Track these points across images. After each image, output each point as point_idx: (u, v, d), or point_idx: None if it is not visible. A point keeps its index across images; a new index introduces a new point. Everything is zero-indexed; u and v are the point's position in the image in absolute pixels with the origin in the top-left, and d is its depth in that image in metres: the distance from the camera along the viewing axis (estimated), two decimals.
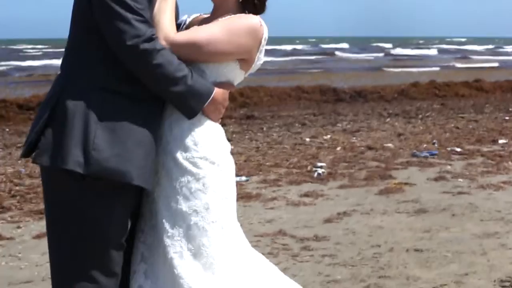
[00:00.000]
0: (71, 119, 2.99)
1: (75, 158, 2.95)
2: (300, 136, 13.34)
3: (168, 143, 3.17)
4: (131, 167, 3.00)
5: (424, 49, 72.92)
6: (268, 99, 19.04)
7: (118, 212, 3.09)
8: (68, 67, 3.13)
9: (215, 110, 3.21)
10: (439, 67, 43.19)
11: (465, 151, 11.42)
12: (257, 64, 3.32)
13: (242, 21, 3.22)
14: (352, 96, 19.94)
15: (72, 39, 3.15)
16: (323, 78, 29.45)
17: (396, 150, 11.57)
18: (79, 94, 3.03)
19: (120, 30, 2.97)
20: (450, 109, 17.81)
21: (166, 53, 3.04)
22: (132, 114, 3.05)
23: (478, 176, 9.50)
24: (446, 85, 22.36)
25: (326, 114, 16.66)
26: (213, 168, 3.17)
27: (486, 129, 14.03)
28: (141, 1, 3.02)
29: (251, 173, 9.84)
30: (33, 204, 8.17)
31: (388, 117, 16.17)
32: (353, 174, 9.75)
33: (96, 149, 2.96)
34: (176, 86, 3.05)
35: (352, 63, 48.13)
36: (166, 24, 3.11)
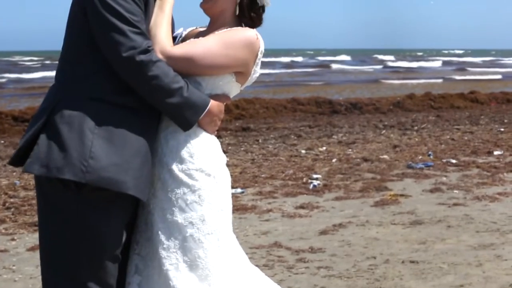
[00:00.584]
0: (67, 128, 2.98)
1: (71, 167, 2.94)
2: (295, 148, 13.34)
3: (164, 155, 3.17)
4: (128, 177, 2.99)
5: (422, 61, 72.96)
6: (264, 111, 19.04)
7: (113, 224, 3.08)
8: (63, 79, 3.13)
9: (211, 122, 3.21)
10: (441, 79, 43.20)
11: (460, 163, 11.43)
12: (253, 77, 3.33)
13: (239, 34, 3.23)
14: (347, 108, 19.94)
15: (67, 50, 3.15)
16: (320, 90, 29.51)
17: (392, 162, 11.57)
18: (75, 104, 3.02)
19: (116, 41, 2.97)
20: (446, 121, 17.83)
21: (162, 64, 3.04)
22: (129, 124, 3.05)
23: (474, 188, 9.50)
24: (442, 96, 22.39)
25: (322, 126, 16.66)
26: (209, 180, 3.17)
27: (481, 141, 14.05)
28: (137, 13, 3.02)
29: (246, 185, 9.83)
30: (28, 216, 8.15)
31: (384, 129, 16.17)
32: (349, 185, 9.75)
33: (94, 157, 2.96)
34: (172, 97, 3.05)
35: (350, 75, 48.16)
36: (162, 37, 3.11)
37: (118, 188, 2.98)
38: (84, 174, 2.95)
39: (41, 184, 3.11)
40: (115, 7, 2.97)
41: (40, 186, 3.13)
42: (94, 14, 3.00)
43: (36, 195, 3.20)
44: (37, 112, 3.13)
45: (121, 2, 2.98)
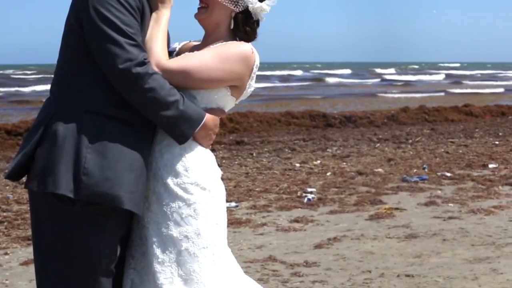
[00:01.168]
0: (61, 143, 2.98)
1: (65, 182, 2.94)
2: (290, 161, 13.32)
3: (158, 168, 3.16)
4: (122, 191, 2.98)
5: (420, 75, 72.99)
6: (258, 125, 19.02)
7: (107, 238, 3.06)
8: (58, 92, 3.11)
9: (206, 136, 3.20)
10: (441, 92, 43.22)
11: (455, 176, 11.42)
12: (248, 91, 3.33)
13: (234, 48, 3.23)
14: (342, 121, 19.94)
15: (62, 63, 3.14)
16: (313, 103, 29.52)
17: (386, 175, 11.56)
18: (69, 118, 3.01)
19: (112, 53, 2.96)
20: (440, 134, 17.84)
21: (158, 77, 3.03)
22: (123, 138, 3.03)
23: (469, 201, 9.49)
24: (436, 110, 22.41)
25: (316, 139, 16.65)
26: (204, 194, 3.16)
27: (476, 154, 14.05)
28: (133, 25, 3.02)
29: (240, 198, 9.80)
30: (21, 230, 8.11)
31: (378, 142, 16.17)
32: (343, 199, 9.73)
33: (86, 174, 2.95)
34: (167, 110, 3.04)
35: (346, 88, 48.18)
36: (158, 51, 3.11)
37: (112, 202, 2.97)
38: (77, 190, 2.94)
39: (35, 198, 3.10)
40: (111, 19, 2.97)
41: (34, 200, 3.11)
42: (91, 26, 2.99)
43: (30, 209, 3.18)
44: (33, 125, 3.13)
45: (118, 14, 2.98)
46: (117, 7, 2.98)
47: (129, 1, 3.02)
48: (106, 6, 2.97)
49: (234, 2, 3.25)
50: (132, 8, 3.02)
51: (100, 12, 2.97)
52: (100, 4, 2.98)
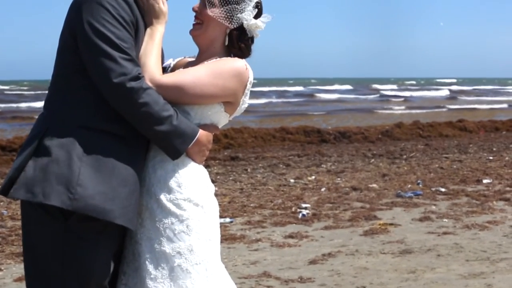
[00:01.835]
0: (54, 157, 2.97)
1: (58, 194, 2.92)
2: (284, 177, 13.32)
3: (152, 184, 3.16)
4: (115, 206, 2.98)
5: (417, 91, 72.98)
6: (252, 140, 19.02)
7: (100, 255, 3.05)
8: (52, 107, 3.12)
9: (199, 151, 3.20)
10: (443, 108, 43.21)
11: (449, 191, 11.43)
12: (242, 107, 3.34)
13: (228, 64, 3.24)
14: (336, 137, 19.95)
15: (57, 78, 3.15)
16: (309, 119, 29.53)
17: (381, 191, 11.57)
18: (63, 132, 3.01)
19: (106, 68, 2.97)
20: (434, 149, 17.86)
21: (152, 92, 3.04)
22: (117, 153, 3.04)
23: (463, 216, 9.50)
24: (430, 125, 22.44)
25: (311, 155, 16.65)
26: (197, 210, 3.16)
27: (470, 169, 14.07)
28: (127, 40, 3.02)
29: (235, 214, 9.79)
30: (15, 246, 8.08)
31: (373, 158, 16.19)
32: (338, 215, 9.72)
33: (81, 185, 2.94)
34: (161, 125, 3.04)
35: (342, 104, 48.16)
36: (152, 66, 3.12)
37: (105, 216, 2.96)
38: (71, 201, 2.93)
39: (27, 213, 3.09)
40: (105, 34, 2.97)
41: (26, 216, 3.11)
42: (85, 40, 3.00)
43: (22, 224, 3.16)
44: (26, 140, 3.13)
45: (112, 29, 2.98)
46: (111, 21, 2.99)
47: (123, 15, 3.03)
48: (101, 21, 2.98)
49: (229, 19, 3.26)
50: (126, 23, 3.03)
51: (94, 27, 2.98)
52: (95, 18, 2.99)
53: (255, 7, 3.31)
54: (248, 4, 3.29)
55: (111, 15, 3.00)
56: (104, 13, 2.99)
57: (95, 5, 3.00)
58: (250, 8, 3.29)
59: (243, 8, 3.28)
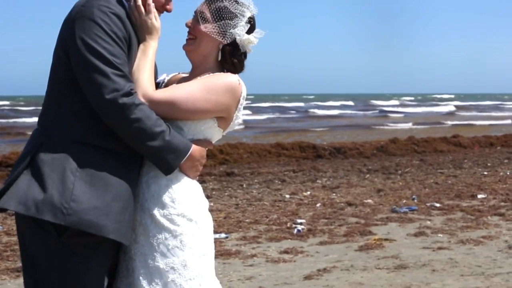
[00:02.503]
0: (49, 171, 2.98)
1: (51, 209, 2.93)
2: (279, 192, 13.32)
3: (145, 200, 3.16)
4: (109, 221, 2.98)
5: (413, 107, 72.94)
6: (248, 156, 19.02)
7: (94, 270, 3.06)
8: (46, 122, 3.13)
9: (193, 167, 3.21)
10: (446, 123, 43.15)
11: (444, 206, 11.44)
12: (236, 122, 3.35)
13: (221, 79, 3.25)
14: (331, 153, 19.96)
15: (50, 94, 3.16)
16: (303, 135, 29.55)
17: (376, 206, 11.58)
18: (57, 148, 3.02)
19: (99, 84, 2.98)
20: (429, 165, 17.88)
21: (145, 108, 3.05)
22: (111, 168, 3.04)
23: (458, 231, 9.50)
24: (425, 141, 22.47)
25: (306, 170, 16.66)
26: (191, 225, 3.17)
27: (465, 184, 14.09)
28: (120, 55, 3.04)
29: (230, 230, 9.78)
30: (10, 262, 8.07)
31: (368, 173, 16.20)
32: (333, 230, 9.72)
33: (75, 200, 2.95)
34: (153, 141, 3.05)
35: (339, 120, 48.10)
36: (145, 82, 3.13)
37: (98, 232, 2.97)
38: (65, 216, 2.93)
39: (22, 228, 3.10)
40: (98, 50, 2.99)
41: (21, 230, 3.11)
42: (77, 56, 3.01)
43: (18, 239, 3.17)
44: (20, 156, 3.14)
45: (104, 45, 3.00)
46: (104, 37, 3.01)
47: (116, 31, 3.05)
48: (93, 37, 3.00)
49: (222, 34, 3.28)
50: (119, 39, 3.05)
51: (87, 43, 3.00)
52: (87, 35, 3.00)
53: (248, 22, 3.33)
54: (241, 20, 3.31)
55: (103, 31, 3.01)
56: (97, 29, 3.01)
57: (87, 21, 3.02)
58: (243, 24, 3.31)
59: (236, 23, 3.30)
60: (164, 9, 3.32)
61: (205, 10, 3.30)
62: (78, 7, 3.08)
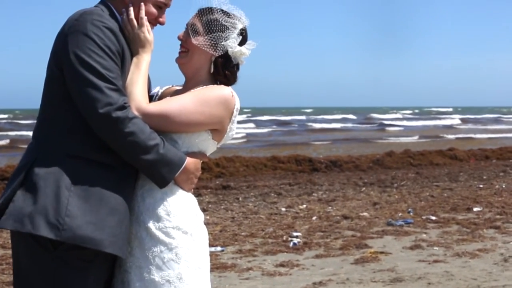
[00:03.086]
0: (43, 186, 2.98)
1: (47, 224, 2.93)
2: (275, 206, 13.32)
3: (140, 213, 3.17)
4: (105, 235, 2.99)
5: (417, 120, 72.73)
6: (244, 169, 19.02)
7: (90, 283, 3.06)
8: (40, 136, 3.14)
9: (187, 179, 3.22)
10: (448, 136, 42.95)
11: (440, 219, 11.45)
12: (230, 134, 3.35)
13: (214, 91, 3.26)
14: (327, 166, 19.97)
15: (45, 108, 3.17)
16: (300, 148, 29.55)
17: (372, 219, 11.58)
18: (52, 162, 3.03)
19: (92, 98, 2.99)
20: (425, 178, 17.89)
21: (138, 121, 3.05)
22: (105, 182, 3.05)
23: (454, 244, 9.51)
24: (421, 154, 22.48)
25: (302, 183, 16.67)
26: (186, 238, 3.17)
27: (460, 197, 14.10)
28: (113, 69, 3.05)
29: (226, 243, 9.78)
30: (5, 275, 8.05)
31: (364, 186, 16.21)
32: (329, 243, 9.72)
33: (69, 215, 2.95)
34: (147, 154, 3.06)
35: (340, 133, 47.94)
36: (138, 95, 3.14)
37: (94, 246, 2.97)
38: (60, 231, 2.94)
39: (17, 243, 3.09)
40: (91, 64, 3.00)
41: (16, 245, 3.11)
42: (71, 70, 3.02)
43: (12, 253, 3.17)
44: (15, 170, 3.14)
45: (98, 59, 3.01)
46: (97, 52, 3.02)
47: (109, 45, 3.06)
48: (87, 51, 3.01)
49: (214, 47, 3.29)
50: (112, 53, 3.06)
51: (80, 57, 3.01)
52: (80, 49, 3.01)
53: (240, 34, 3.34)
54: (233, 32, 3.32)
55: (97, 45, 3.02)
56: (90, 43, 3.02)
57: (81, 35, 3.03)
58: (234, 36, 3.32)
59: (228, 35, 3.31)
60: (157, 22, 3.33)
61: (196, 23, 3.31)
62: (71, 21, 3.09)
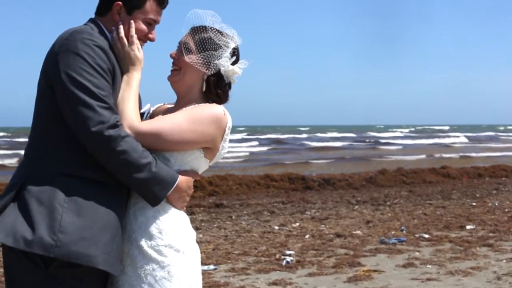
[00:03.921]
0: (36, 202, 2.98)
1: (40, 241, 2.92)
2: (269, 224, 13.30)
3: (133, 231, 3.16)
4: (98, 251, 2.98)
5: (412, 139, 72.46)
6: (237, 188, 19.01)
7: None
8: (32, 155, 3.14)
9: (180, 198, 3.22)
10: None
11: (433, 237, 11.45)
12: (222, 153, 3.36)
13: (206, 110, 3.27)
14: (320, 184, 19.98)
15: (36, 126, 3.17)
16: (292, 167, 29.54)
17: (365, 237, 11.57)
18: (43, 181, 3.02)
19: (84, 116, 2.99)
20: (418, 196, 17.91)
21: (131, 140, 3.06)
22: (98, 198, 3.05)
23: (447, 262, 9.50)
24: (414, 172, 22.52)
25: (295, 202, 16.66)
26: (178, 256, 3.16)
27: (453, 215, 14.11)
28: (105, 88, 3.05)
29: (219, 261, 9.75)
30: None
31: (357, 205, 16.21)
32: (322, 261, 9.71)
33: (63, 231, 2.95)
34: (140, 173, 3.06)
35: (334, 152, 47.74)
36: (130, 113, 3.14)
37: (87, 262, 2.97)
38: (53, 248, 2.93)
39: (9, 259, 3.08)
40: (83, 83, 3.00)
41: (8, 262, 3.10)
42: (62, 89, 3.02)
43: (4, 270, 3.16)
44: (6, 188, 3.13)
45: (89, 77, 3.01)
46: (88, 70, 3.02)
47: (100, 63, 3.06)
48: (78, 70, 3.01)
49: (206, 65, 3.30)
50: (103, 71, 3.07)
51: (71, 76, 3.01)
52: (72, 68, 3.02)
53: (232, 54, 3.35)
54: (225, 51, 3.33)
55: (88, 64, 3.03)
56: (81, 62, 3.02)
57: (71, 54, 3.04)
58: (227, 55, 3.33)
59: (220, 54, 3.32)
60: (147, 39, 3.34)
61: (189, 41, 3.32)
62: (61, 40, 3.10)
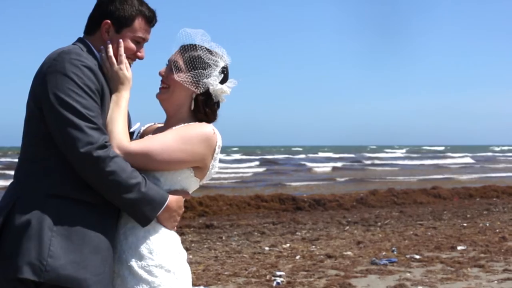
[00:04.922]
0: (25, 227, 2.97)
1: (30, 266, 2.91)
2: (259, 245, 13.26)
3: (123, 251, 3.14)
4: (88, 274, 2.97)
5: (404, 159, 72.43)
6: (227, 208, 18.97)
7: None
8: (21, 176, 3.12)
9: (170, 217, 3.20)
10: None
11: (424, 258, 11.42)
12: (212, 172, 3.35)
13: (195, 129, 3.25)
14: (311, 205, 19.94)
15: (25, 147, 3.16)
16: (283, 188, 29.52)
17: (356, 258, 11.53)
18: (33, 202, 3.01)
19: (73, 137, 2.97)
20: (409, 216, 17.89)
21: (120, 160, 3.04)
22: (88, 220, 3.03)
23: (438, 283, 9.47)
24: (404, 192, 22.53)
25: (285, 222, 16.62)
26: (169, 276, 3.15)
27: (444, 236, 14.09)
28: (93, 108, 3.03)
29: (209, 282, 9.70)
30: None
31: (347, 225, 16.18)
32: (313, 282, 9.66)
33: (52, 256, 2.93)
34: (129, 193, 3.04)
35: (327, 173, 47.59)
36: (119, 133, 3.12)
37: (78, 286, 2.96)
38: (43, 273, 2.92)
39: (1, 284, 3.05)
40: (71, 104, 2.98)
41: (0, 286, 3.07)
42: (50, 111, 3.01)
43: None
44: None
45: (77, 98, 3.00)
46: (77, 91, 3.01)
47: (89, 84, 3.05)
48: (66, 91, 3.00)
49: (195, 84, 3.29)
50: (92, 91, 3.05)
51: (60, 97, 2.99)
52: (60, 89, 3.00)
53: (222, 72, 3.34)
54: (215, 69, 3.32)
55: (76, 85, 3.01)
56: (69, 83, 3.01)
57: (60, 75, 3.02)
58: (216, 73, 3.32)
59: (210, 73, 3.31)
60: (136, 57, 3.33)
61: (178, 59, 3.31)
62: (49, 61, 3.08)
